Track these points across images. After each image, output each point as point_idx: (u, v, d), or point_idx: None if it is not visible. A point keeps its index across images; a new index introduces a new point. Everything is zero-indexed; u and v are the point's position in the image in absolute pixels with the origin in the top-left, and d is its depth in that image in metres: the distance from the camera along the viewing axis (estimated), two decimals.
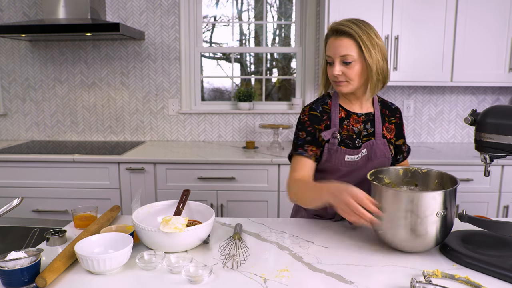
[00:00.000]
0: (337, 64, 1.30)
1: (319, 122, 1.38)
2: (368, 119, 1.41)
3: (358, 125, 1.39)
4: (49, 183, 2.59)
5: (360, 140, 1.39)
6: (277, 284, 1.00)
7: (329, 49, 1.32)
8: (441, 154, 2.65)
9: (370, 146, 1.38)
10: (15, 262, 0.96)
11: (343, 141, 1.37)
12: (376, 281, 1.00)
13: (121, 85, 3.11)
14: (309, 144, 1.36)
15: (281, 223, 1.43)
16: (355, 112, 1.40)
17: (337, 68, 1.30)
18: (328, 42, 1.33)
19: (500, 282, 1.00)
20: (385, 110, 1.46)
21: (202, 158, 2.54)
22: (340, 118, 1.39)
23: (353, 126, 1.39)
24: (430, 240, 1.10)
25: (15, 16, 3.03)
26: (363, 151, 1.37)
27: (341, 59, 1.30)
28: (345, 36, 1.28)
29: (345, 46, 1.28)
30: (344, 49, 1.28)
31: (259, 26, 3.20)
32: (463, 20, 2.59)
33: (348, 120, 1.39)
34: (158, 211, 1.34)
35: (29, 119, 3.18)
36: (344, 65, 1.30)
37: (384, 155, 1.38)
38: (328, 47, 1.33)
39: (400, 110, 1.51)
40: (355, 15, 2.58)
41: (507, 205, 2.50)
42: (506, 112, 1.08)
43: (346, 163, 1.35)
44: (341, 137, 1.37)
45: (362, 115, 1.41)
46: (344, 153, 1.35)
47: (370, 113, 1.42)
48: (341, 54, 1.29)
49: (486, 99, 3.04)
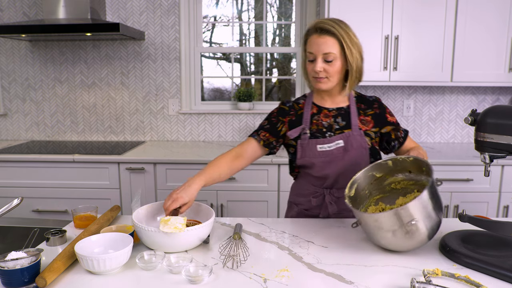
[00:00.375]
0: (319, 61, 1.36)
1: (284, 115, 1.49)
2: (339, 113, 1.47)
3: (328, 119, 1.46)
4: (49, 183, 2.59)
5: (332, 133, 1.44)
6: (277, 284, 1.00)
7: (312, 46, 1.36)
8: (441, 154, 2.65)
9: (347, 137, 1.42)
10: (15, 262, 0.97)
11: (313, 135, 1.45)
12: (376, 281, 1.00)
13: (121, 85, 3.11)
14: (264, 131, 1.48)
15: (281, 223, 1.43)
16: (326, 107, 1.48)
17: (319, 64, 1.36)
18: (310, 39, 1.37)
19: (500, 282, 1.00)
20: (360, 104, 1.49)
21: (202, 158, 2.54)
22: (312, 114, 1.48)
23: (322, 121, 1.46)
24: (420, 240, 1.12)
25: (15, 16, 3.03)
26: (339, 142, 1.42)
27: (323, 56, 1.35)
28: (328, 34, 1.34)
29: (328, 44, 1.34)
30: (327, 47, 1.34)
31: (259, 26, 3.20)
32: (463, 20, 2.59)
33: (318, 115, 1.47)
34: (158, 211, 1.34)
35: (29, 119, 3.18)
36: (326, 62, 1.36)
37: (361, 145, 1.42)
38: (310, 44, 1.37)
39: (379, 100, 1.52)
40: (355, 15, 2.60)
41: (507, 205, 2.50)
42: (506, 112, 1.08)
43: (319, 153, 1.42)
44: (311, 131, 1.45)
45: (333, 109, 1.47)
46: (315, 143, 1.43)
47: (342, 107, 1.47)
48: (324, 52, 1.34)
49: (486, 99, 3.04)
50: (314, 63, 1.37)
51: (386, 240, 1.13)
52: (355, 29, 2.84)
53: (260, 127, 1.50)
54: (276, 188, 2.55)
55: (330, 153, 1.42)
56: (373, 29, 2.62)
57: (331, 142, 1.42)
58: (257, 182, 2.55)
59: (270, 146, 1.49)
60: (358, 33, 2.76)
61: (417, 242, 1.12)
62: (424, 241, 1.12)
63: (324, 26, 1.34)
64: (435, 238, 1.26)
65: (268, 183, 2.55)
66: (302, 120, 1.47)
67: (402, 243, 1.12)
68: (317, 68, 1.36)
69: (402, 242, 1.12)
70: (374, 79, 2.68)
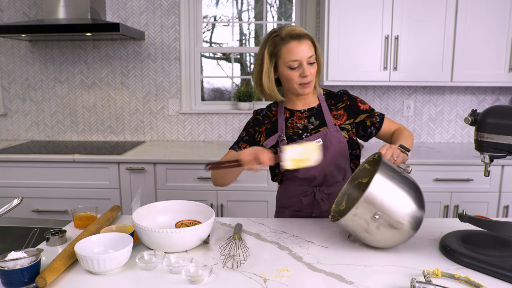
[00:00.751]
0: (306, 66, 1.36)
1: (259, 125, 1.51)
2: (312, 113, 1.48)
3: (301, 121, 1.48)
4: (49, 183, 2.59)
5: (309, 134, 1.45)
6: (277, 284, 1.00)
7: (295, 53, 1.35)
8: (441, 154, 2.65)
9: (324, 135, 1.44)
10: (15, 262, 0.97)
11: (290, 138, 1.46)
12: (376, 281, 1.00)
13: (121, 85, 3.11)
14: (244, 142, 1.50)
15: (281, 223, 1.43)
16: (297, 110, 1.49)
17: (309, 70, 1.37)
18: (289, 47, 1.35)
19: (500, 282, 1.00)
20: (330, 100, 1.51)
21: (202, 158, 2.54)
22: (285, 118, 1.49)
23: (296, 123, 1.48)
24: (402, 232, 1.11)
25: (15, 16, 3.03)
26: (318, 140, 1.43)
27: (308, 60, 1.36)
28: (306, 38, 1.36)
29: (309, 47, 1.36)
30: (310, 51, 1.36)
31: (259, 26, 3.20)
32: (463, 20, 2.59)
33: (292, 119, 1.49)
34: (158, 211, 1.34)
35: (29, 119, 3.18)
36: (310, 65, 1.37)
37: (339, 140, 1.43)
38: (290, 52, 1.35)
39: (347, 92, 1.53)
40: (355, 15, 2.60)
41: (507, 205, 2.50)
42: (506, 112, 1.08)
43: None
44: (287, 135, 1.46)
45: (305, 111, 1.49)
46: None
47: (313, 107, 1.49)
48: (308, 56, 1.36)
49: (486, 99, 3.04)
50: (299, 70, 1.37)
51: (369, 239, 1.14)
52: (355, 29, 2.84)
53: (240, 139, 1.52)
54: (276, 188, 2.54)
55: None
56: (373, 29, 2.62)
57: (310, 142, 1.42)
58: (257, 182, 2.55)
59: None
60: (358, 33, 2.78)
61: (399, 234, 1.10)
62: (407, 231, 1.10)
63: (299, 31, 1.35)
64: (435, 238, 1.26)
65: (268, 183, 2.55)
66: (277, 127, 1.48)
67: (385, 239, 1.12)
68: (307, 73, 1.36)
69: (384, 238, 1.11)
70: (374, 79, 2.68)
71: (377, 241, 1.14)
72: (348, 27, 2.63)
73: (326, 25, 2.64)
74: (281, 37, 1.36)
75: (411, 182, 1.14)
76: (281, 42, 1.36)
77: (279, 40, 1.36)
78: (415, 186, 1.14)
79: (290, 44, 1.35)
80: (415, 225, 1.12)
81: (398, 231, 1.10)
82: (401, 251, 1.17)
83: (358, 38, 2.64)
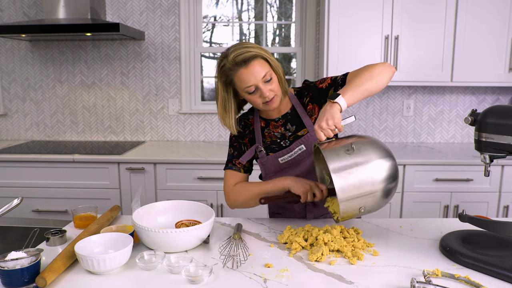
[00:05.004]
0: (263, 87, 1.29)
1: (243, 137, 1.48)
2: (286, 119, 1.44)
3: (278, 129, 1.44)
4: (49, 183, 2.59)
5: (288, 140, 1.43)
6: (277, 284, 1.00)
7: (246, 80, 1.27)
8: (441, 154, 2.65)
9: (307, 140, 1.40)
10: (15, 262, 0.97)
11: (269, 147, 1.44)
12: (376, 281, 1.00)
13: (121, 85, 3.11)
14: (236, 158, 1.47)
15: (281, 223, 1.43)
16: (272, 119, 1.45)
17: (266, 89, 1.29)
18: (239, 76, 1.28)
19: (500, 282, 1.00)
20: (301, 99, 1.44)
21: (202, 158, 2.54)
22: (261, 127, 1.46)
23: (274, 132, 1.44)
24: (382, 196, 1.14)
25: (15, 16, 3.03)
26: (301, 147, 1.40)
27: (263, 80, 1.28)
28: (253, 60, 1.26)
29: (260, 67, 1.27)
30: (262, 70, 1.27)
31: (259, 26, 3.20)
32: (463, 20, 2.59)
33: (268, 128, 1.45)
34: (158, 211, 1.34)
35: (29, 119, 3.18)
36: (267, 83, 1.29)
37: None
38: (241, 80, 1.28)
39: (307, 83, 1.47)
40: (355, 15, 2.60)
41: (507, 205, 2.50)
42: (506, 112, 1.08)
43: (283, 164, 1.43)
44: (266, 144, 1.44)
45: (279, 119, 1.44)
46: (276, 157, 1.43)
47: (287, 113, 1.44)
48: (262, 76, 1.28)
49: (486, 99, 3.03)
50: (257, 92, 1.30)
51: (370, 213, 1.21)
52: (355, 29, 2.84)
53: (231, 157, 1.48)
54: None
55: (292, 161, 1.42)
56: (373, 29, 2.62)
57: (290, 151, 1.41)
58: None
59: (250, 169, 1.52)
60: (358, 33, 2.77)
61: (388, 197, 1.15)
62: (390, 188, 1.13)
63: (244, 56, 1.25)
64: (435, 238, 1.26)
65: None
66: (254, 138, 1.46)
67: (381, 207, 1.18)
68: (266, 94, 1.29)
69: (380, 207, 1.18)
70: None
71: (377, 209, 1.18)
72: (348, 27, 2.63)
73: (326, 25, 2.64)
74: (228, 67, 1.28)
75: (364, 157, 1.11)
76: (231, 71, 1.28)
77: (228, 70, 1.29)
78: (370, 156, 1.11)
79: (239, 72, 1.27)
80: (392, 179, 1.13)
81: (386, 198, 1.14)
82: (401, 251, 1.17)
83: (358, 38, 2.64)
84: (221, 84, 1.34)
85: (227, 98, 1.36)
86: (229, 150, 1.50)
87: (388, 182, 1.12)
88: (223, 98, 1.36)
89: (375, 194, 1.11)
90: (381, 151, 1.13)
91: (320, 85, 1.41)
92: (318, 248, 1.13)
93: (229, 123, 1.39)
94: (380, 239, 1.27)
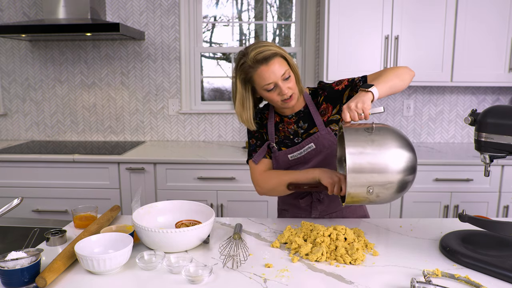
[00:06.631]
0: (282, 84, 1.32)
1: (262, 127, 1.50)
2: (299, 117, 1.46)
3: (291, 126, 1.47)
4: (49, 183, 2.59)
5: (300, 138, 1.45)
6: (277, 284, 1.00)
7: (266, 78, 1.30)
8: (441, 154, 2.65)
9: (316, 138, 1.42)
10: (15, 262, 0.97)
11: (282, 142, 1.46)
12: (376, 281, 1.00)
13: (121, 85, 3.11)
14: (259, 147, 1.49)
15: (281, 223, 1.43)
16: (286, 115, 1.47)
17: (285, 86, 1.32)
18: (259, 73, 1.31)
19: (500, 282, 1.00)
20: (315, 98, 1.47)
21: (202, 158, 2.54)
22: (275, 122, 1.49)
23: (287, 128, 1.47)
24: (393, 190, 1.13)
25: (15, 16, 3.03)
26: (310, 145, 1.42)
27: (282, 78, 1.32)
28: (273, 58, 1.30)
29: (280, 65, 1.31)
30: (281, 68, 1.31)
31: (259, 26, 3.20)
32: (463, 20, 2.59)
33: (282, 124, 1.48)
34: (158, 211, 1.34)
35: (29, 119, 3.18)
36: (286, 81, 1.33)
37: (332, 143, 1.42)
38: (262, 77, 1.31)
39: (322, 83, 1.49)
40: (355, 15, 2.60)
41: (507, 205, 2.50)
42: (506, 112, 1.08)
43: (292, 161, 1.45)
44: (280, 138, 1.47)
45: (292, 116, 1.47)
46: (286, 153, 1.45)
47: (300, 110, 1.47)
48: (281, 74, 1.31)
49: (486, 99, 3.04)
50: (276, 89, 1.33)
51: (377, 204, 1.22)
52: (355, 29, 2.84)
53: (254, 147, 1.49)
54: None
55: (301, 158, 1.44)
56: (373, 29, 2.62)
57: (301, 148, 1.43)
58: None
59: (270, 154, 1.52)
60: (358, 33, 2.77)
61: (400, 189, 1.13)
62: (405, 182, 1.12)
63: (265, 54, 1.29)
64: (435, 238, 1.26)
65: None
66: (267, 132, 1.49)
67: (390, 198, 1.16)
68: (285, 91, 1.32)
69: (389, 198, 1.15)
70: None
71: (386, 201, 1.17)
72: (348, 27, 2.63)
73: (326, 25, 2.64)
74: (249, 64, 1.31)
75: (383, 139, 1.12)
76: (250, 69, 1.31)
77: (248, 68, 1.32)
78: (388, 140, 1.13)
79: (259, 69, 1.30)
80: (410, 171, 1.12)
81: (397, 188, 1.12)
82: (401, 251, 1.17)
83: (358, 38, 2.64)
84: (239, 82, 1.37)
85: (245, 95, 1.38)
86: (250, 141, 1.51)
87: (403, 173, 1.10)
88: (242, 96, 1.38)
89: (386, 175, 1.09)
90: (399, 137, 1.15)
91: (336, 87, 1.44)
92: (318, 248, 1.13)
93: (247, 120, 1.42)
94: (380, 239, 1.27)
